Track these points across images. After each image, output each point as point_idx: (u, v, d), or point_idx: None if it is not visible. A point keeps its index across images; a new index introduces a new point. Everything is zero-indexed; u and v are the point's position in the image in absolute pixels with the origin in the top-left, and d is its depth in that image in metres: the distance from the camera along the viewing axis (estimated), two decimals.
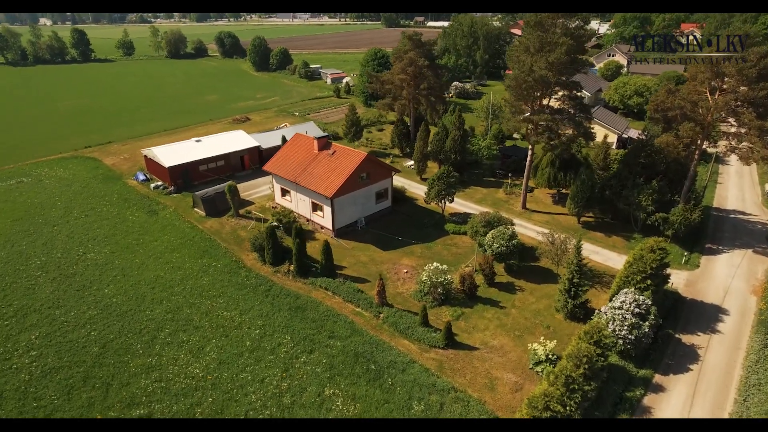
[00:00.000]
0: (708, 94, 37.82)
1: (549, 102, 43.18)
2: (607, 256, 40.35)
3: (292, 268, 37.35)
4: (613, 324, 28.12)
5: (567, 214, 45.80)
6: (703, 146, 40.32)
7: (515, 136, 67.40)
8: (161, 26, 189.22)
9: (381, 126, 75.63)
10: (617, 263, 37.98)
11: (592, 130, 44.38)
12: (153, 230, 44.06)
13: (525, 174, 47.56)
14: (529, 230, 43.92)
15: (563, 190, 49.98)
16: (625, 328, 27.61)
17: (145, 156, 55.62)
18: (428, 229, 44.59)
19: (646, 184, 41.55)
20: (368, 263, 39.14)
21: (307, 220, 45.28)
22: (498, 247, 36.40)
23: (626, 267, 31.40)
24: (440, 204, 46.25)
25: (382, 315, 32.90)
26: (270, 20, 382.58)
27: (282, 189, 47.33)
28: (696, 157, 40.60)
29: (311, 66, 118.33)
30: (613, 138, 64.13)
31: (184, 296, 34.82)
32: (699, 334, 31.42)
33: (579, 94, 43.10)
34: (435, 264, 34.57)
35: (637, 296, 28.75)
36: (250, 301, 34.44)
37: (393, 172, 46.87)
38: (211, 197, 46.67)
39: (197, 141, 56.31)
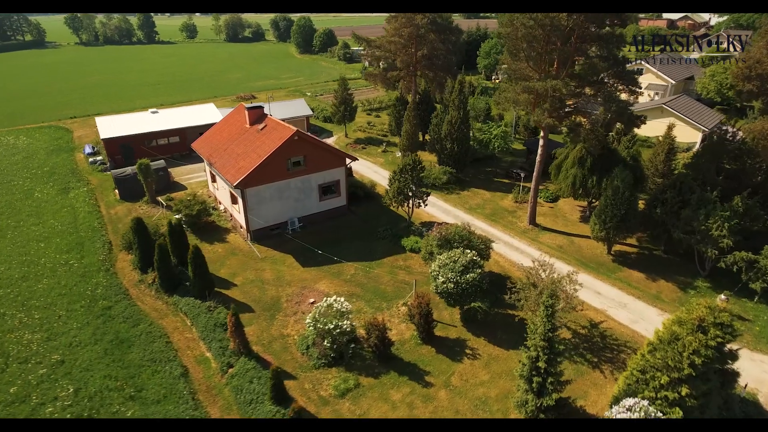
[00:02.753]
0: None
1: (568, 68, 28.01)
2: (640, 312, 24.97)
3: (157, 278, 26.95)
4: None
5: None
6: None
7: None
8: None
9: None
10: (651, 327, 22.28)
11: (641, 119, 28.62)
12: (46, 212, 36.04)
13: (534, 175, 32.79)
14: (526, 258, 29.49)
15: (596, 202, 34.39)
16: None
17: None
18: (382, 241, 31.88)
19: (722, 203, 25.52)
20: (270, 283, 27.52)
21: (231, 215, 34.74)
22: (444, 283, 22.92)
23: (645, 352, 16.74)
24: (406, 208, 33.39)
25: (231, 370, 21.26)
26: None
27: (211, 173, 37.23)
28: None
29: (352, 48, 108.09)
30: (695, 137, 46.21)
31: (0, 303, 25.78)
32: None
33: (619, 53, 27.57)
34: (333, 298, 22.18)
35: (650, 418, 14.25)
36: (74, 320, 24.45)
37: (349, 161, 34.65)
38: (127, 177, 37.78)
39: (153, 113, 48.11)
